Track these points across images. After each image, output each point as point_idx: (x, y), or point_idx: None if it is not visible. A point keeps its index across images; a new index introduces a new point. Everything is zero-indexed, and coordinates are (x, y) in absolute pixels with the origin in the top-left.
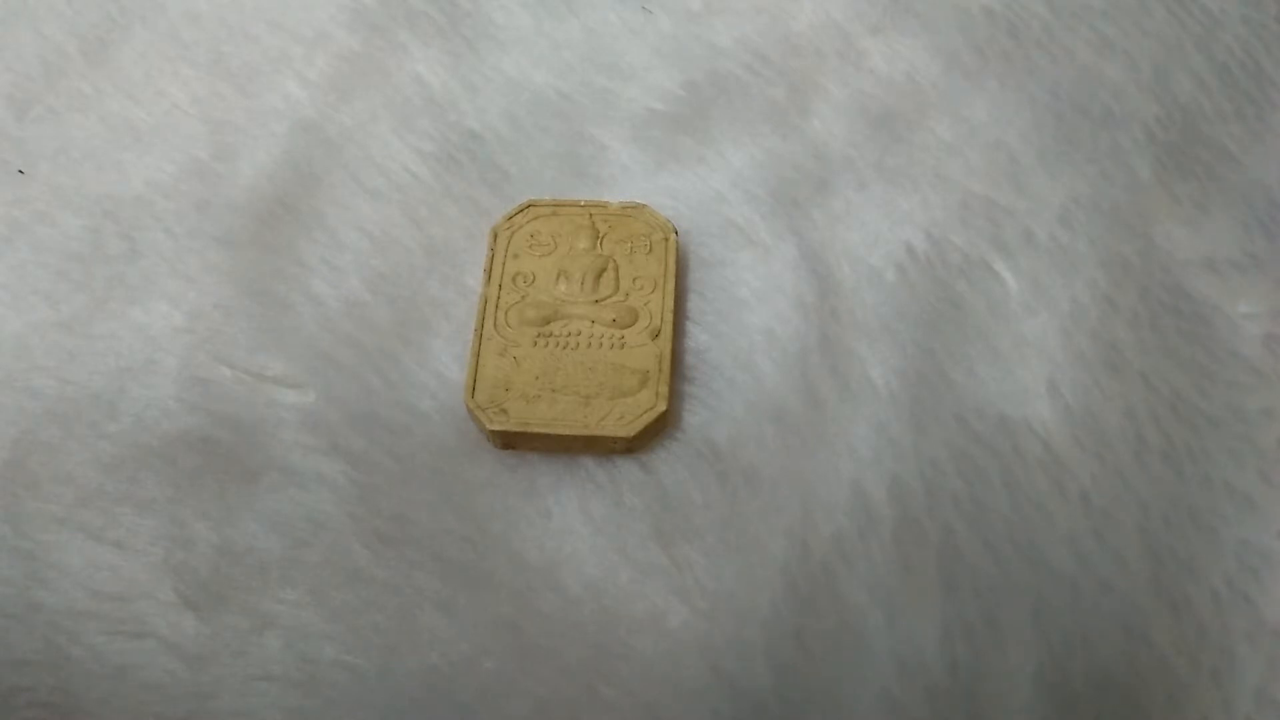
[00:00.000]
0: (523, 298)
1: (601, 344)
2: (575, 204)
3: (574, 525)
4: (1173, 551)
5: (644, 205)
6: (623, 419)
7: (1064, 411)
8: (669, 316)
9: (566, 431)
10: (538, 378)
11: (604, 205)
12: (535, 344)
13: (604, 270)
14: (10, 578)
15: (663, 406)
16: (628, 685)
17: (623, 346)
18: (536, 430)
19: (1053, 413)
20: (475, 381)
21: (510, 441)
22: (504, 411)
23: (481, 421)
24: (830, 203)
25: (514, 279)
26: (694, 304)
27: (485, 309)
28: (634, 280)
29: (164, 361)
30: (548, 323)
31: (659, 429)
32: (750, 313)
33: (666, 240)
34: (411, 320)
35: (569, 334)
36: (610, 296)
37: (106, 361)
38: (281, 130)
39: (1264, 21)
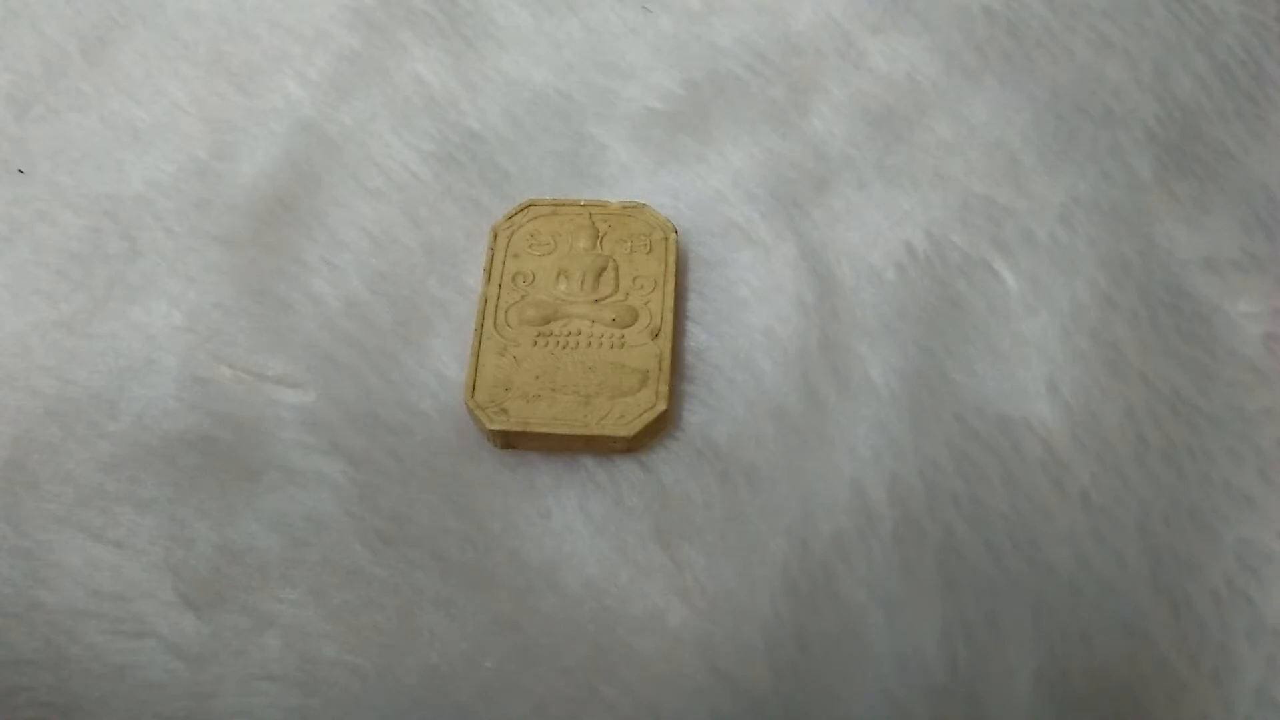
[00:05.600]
0: (523, 297)
1: (601, 343)
2: (575, 203)
3: (574, 525)
4: (1173, 551)
5: (644, 205)
6: (623, 418)
7: (1064, 411)
8: (669, 316)
9: (566, 431)
10: (538, 377)
11: (604, 205)
12: (535, 343)
13: (604, 270)
14: (10, 577)
15: (663, 406)
16: (628, 685)
17: (623, 346)
18: (536, 430)
19: (1053, 412)
20: (475, 381)
21: (510, 441)
22: (504, 411)
23: (481, 421)
24: (830, 202)
25: (514, 278)
26: (694, 303)
27: (485, 308)
28: (634, 280)
29: (164, 361)
30: (548, 322)
31: (659, 428)
32: (750, 312)
33: (666, 240)
34: (411, 320)
35: (569, 333)
36: (610, 296)
37: (106, 361)
38: (281, 130)
39: (1264, 21)
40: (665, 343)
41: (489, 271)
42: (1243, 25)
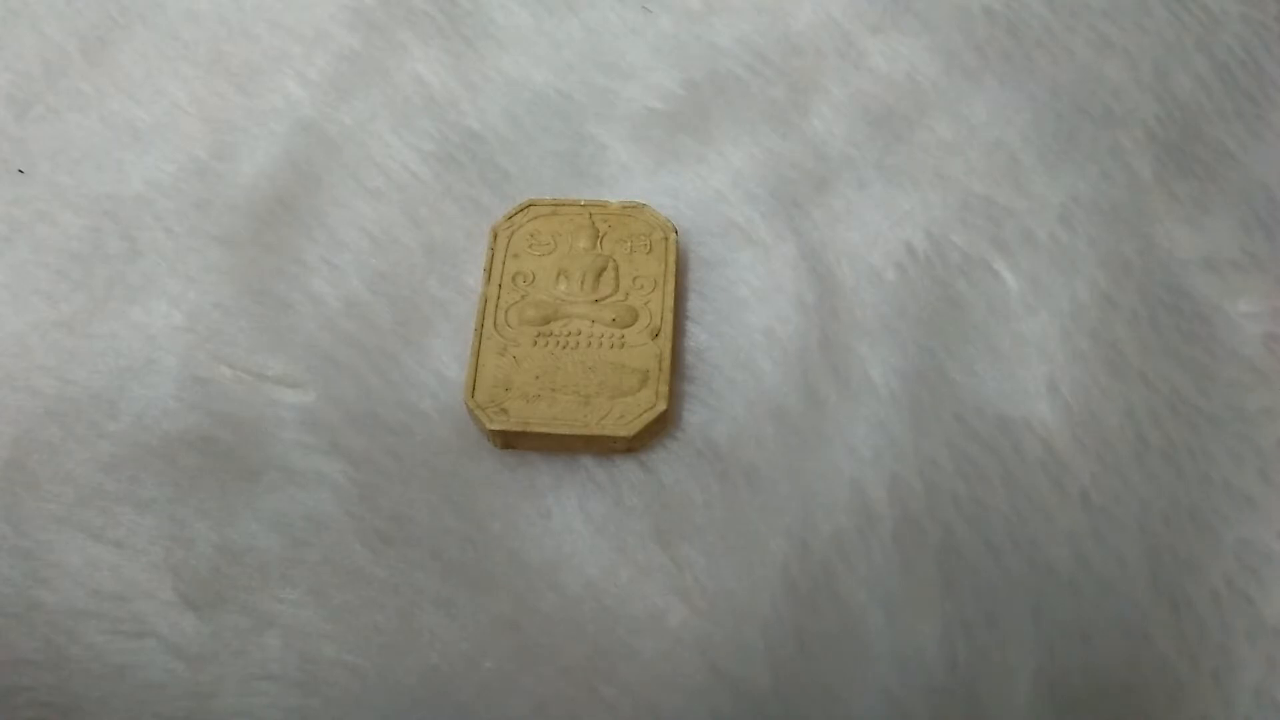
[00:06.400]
0: (523, 297)
1: (601, 343)
2: (575, 203)
3: (574, 525)
4: (1173, 551)
5: (644, 205)
6: (623, 418)
7: (1064, 411)
8: (669, 316)
9: (566, 431)
10: (538, 377)
11: (604, 205)
12: (535, 343)
13: (604, 270)
14: (10, 577)
15: (663, 406)
16: (628, 685)
17: (623, 346)
18: (536, 430)
19: (1053, 412)
20: (475, 381)
21: (510, 441)
22: (504, 411)
23: (481, 421)
24: (830, 202)
25: (514, 278)
26: (694, 303)
27: (485, 308)
28: (634, 280)
29: (164, 361)
30: (548, 322)
31: (659, 428)
32: (750, 312)
33: (666, 240)
34: (411, 320)
35: (569, 333)
36: (610, 296)
37: (106, 361)
38: (281, 130)
39: (1264, 21)
40: (665, 343)
41: (489, 271)
42: (1243, 25)
